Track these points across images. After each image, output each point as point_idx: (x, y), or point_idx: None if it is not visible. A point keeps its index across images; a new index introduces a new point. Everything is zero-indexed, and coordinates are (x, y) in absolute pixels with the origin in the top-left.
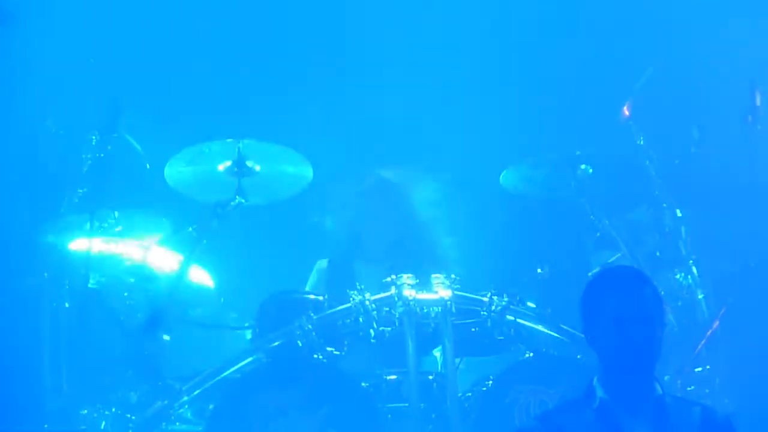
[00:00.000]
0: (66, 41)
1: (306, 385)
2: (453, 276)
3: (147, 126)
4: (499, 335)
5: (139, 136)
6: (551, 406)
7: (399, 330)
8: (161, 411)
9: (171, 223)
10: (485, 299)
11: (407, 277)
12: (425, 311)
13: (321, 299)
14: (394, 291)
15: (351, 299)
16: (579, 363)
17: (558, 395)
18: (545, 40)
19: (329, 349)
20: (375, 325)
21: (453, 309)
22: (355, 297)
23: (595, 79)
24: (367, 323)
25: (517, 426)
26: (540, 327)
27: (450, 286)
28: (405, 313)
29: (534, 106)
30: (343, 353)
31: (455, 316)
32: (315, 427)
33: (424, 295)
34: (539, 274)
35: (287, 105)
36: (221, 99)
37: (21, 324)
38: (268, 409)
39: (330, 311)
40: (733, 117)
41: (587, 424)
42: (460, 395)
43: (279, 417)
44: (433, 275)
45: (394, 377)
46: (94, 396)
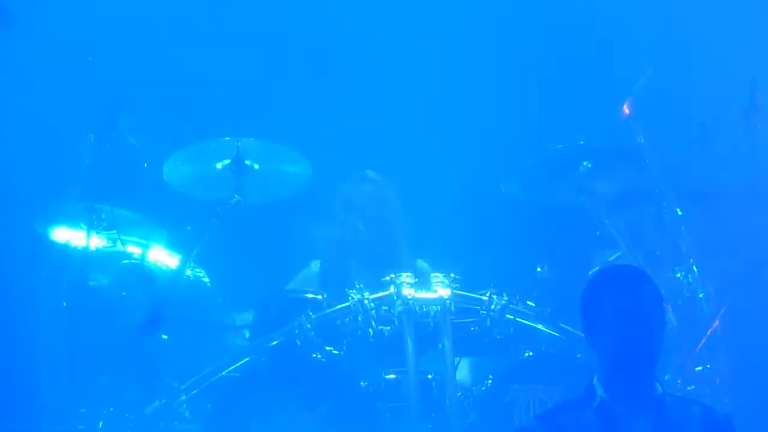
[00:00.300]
0: (64, 40)
1: (305, 385)
2: (452, 275)
3: (145, 124)
4: (499, 334)
5: (138, 134)
6: (551, 405)
7: (398, 329)
8: (160, 410)
9: (169, 222)
10: (485, 298)
11: (406, 276)
12: (424, 310)
13: (320, 298)
14: (393, 290)
15: (350, 298)
16: (579, 362)
17: (558, 394)
18: (545, 40)
19: (328, 348)
20: (374, 324)
21: (452, 308)
22: (354, 296)
23: (595, 79)
24: (366, 322)
25: (517, 425)
26: (540, 326)
27: (449, 284)
28: (404, 312)
29: (534, 106)
30: (342, 352)
31: (454, 315)
32: (314, 427)
33: (423, 294)
34: (539, 273)
35: (286, 104)
36: (220, 97)
37: (19, 322)
38: (266, 409)
39: (329, 310)
40: (734, 116)
41: (587, 423)
42: (459, 395)
43: (278, 416)
44: (433, 274)
45: (393, 376)
46: (92, 395)
